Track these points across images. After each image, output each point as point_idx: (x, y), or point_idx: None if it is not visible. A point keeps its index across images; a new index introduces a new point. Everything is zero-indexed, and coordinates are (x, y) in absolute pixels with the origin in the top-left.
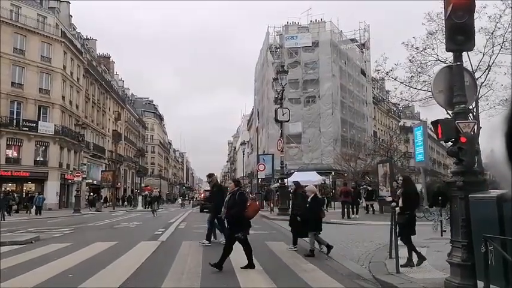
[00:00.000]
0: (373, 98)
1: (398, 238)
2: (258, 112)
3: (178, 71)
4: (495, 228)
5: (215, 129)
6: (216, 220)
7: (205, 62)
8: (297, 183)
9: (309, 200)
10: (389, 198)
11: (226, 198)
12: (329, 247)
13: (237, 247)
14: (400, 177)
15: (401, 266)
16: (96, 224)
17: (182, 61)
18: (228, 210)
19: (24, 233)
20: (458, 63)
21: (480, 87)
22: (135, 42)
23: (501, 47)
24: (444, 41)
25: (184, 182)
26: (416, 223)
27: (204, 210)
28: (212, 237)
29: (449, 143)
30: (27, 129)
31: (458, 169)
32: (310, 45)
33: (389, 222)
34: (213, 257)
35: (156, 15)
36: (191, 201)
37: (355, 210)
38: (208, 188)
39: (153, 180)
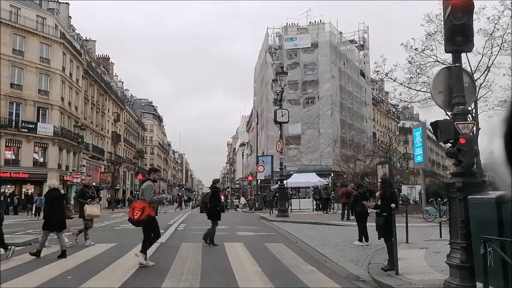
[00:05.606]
0: (372, 99)
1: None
2: (258, 113)
3: (178, 72)
4: (494, 230)
5: (215, 130)
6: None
7: (205, 63)
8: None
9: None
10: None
11: None
12: (38, 252)
13: (236, 249)
14: (379, 180)
15: (384, 269)
16: (96, 225)
17: (183, 62)
18: None
19: (23, 235)
20: (457, 64)
21: (479, 88)
22: (135, 43)
23: (500, 48)
24: (443, 42)
25: (184, 183)
26: (416, 224)
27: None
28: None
29: (449, 144)
30: (26, 130)
31: (458, 170)
32: (310, 46)
33: None
34: (212, 259)
35: (155, 16)
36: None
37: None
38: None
39: None
